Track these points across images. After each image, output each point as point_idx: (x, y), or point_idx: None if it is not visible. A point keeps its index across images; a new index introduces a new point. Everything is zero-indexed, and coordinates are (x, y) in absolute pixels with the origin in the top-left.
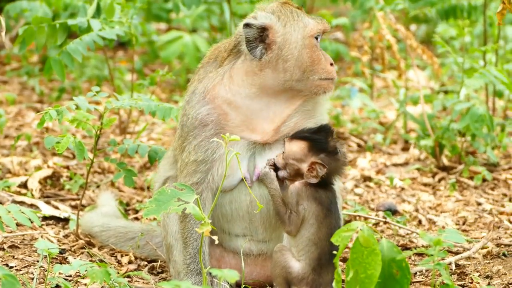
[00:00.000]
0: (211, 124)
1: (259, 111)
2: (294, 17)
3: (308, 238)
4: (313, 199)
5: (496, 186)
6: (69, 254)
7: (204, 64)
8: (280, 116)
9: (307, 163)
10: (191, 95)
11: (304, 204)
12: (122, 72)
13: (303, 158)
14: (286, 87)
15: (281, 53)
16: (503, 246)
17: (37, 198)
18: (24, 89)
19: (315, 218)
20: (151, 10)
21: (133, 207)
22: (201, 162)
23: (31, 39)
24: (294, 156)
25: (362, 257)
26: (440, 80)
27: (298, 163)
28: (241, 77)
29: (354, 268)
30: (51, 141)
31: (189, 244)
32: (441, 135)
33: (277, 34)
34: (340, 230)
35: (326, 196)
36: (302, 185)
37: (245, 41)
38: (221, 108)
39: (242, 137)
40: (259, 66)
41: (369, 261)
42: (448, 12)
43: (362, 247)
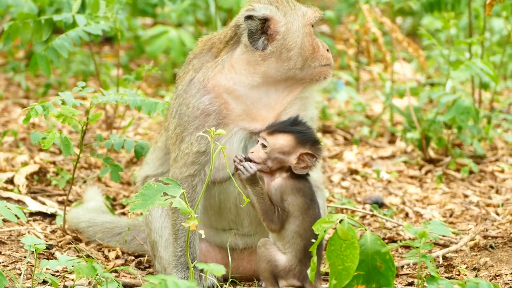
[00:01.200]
0: (213, 114)
1: (260, 99)
2: (292, 7)
3: (294, 231)
4: (297, 191)
5: (483, 178)
6: (56, 250)
7: (197, 55)
8: (281, 103)
9: (294, 155)
10: (189, 84)
11: (289, 199)
12: (108, 67)
13: (291, 150)
14: (288, 76)
15: (285, 42)
16: (490, 238)
17: (23, 194)
18: (10, 85)
19: (299, 210)
20: (137, 5)
21: (120, 202)
22: (203, 153)
23: (16, 34)
24: (281, 149)
25: (340, 249)
26: (426, 72)
27: (284, 156)
28: (243, 67)
29: (331, 260)
30: (37, 136)
31: (181, 236)
32: (427, 127)
33: (279, 24)
34: (320, 220)
35: (307, 186)
36: (284, 180)
37: (248, 33)
38: (222, 97)
39: (242, 126)
40: (262, 56)
41: (347, 253)
42: (432, 5)
43: (340, 239)
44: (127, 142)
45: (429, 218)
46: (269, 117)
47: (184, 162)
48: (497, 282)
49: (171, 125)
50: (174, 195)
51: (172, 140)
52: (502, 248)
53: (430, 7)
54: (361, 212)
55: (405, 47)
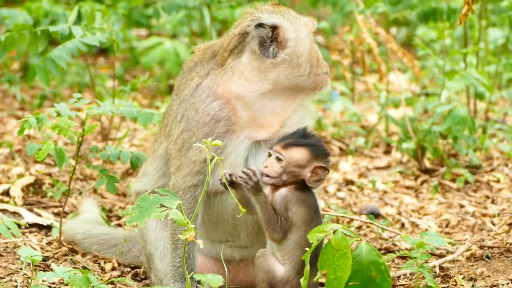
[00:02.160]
0: (222, 120)
1: (267, 106)
2: (294, 16)
3: (295, 242)
4: (302, 202)
5: (479, 188)
6: (52, 261)
7: (198, 62)
8: (286, 110)
9: (309, 168)
10: (196, 89)
11: (293, 209)
12: (103, 78)
13: (306, 164)
14: (296, 83)
15: (295, 49)
16: (486, 248)
17: (19, 205)
18: (6, 96)
19: (303, 221)
20: (132, 16)
21: (116, 214)
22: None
23: (12, 46)
24: (297, 163)
25: (333, 259)
26: (421, 82)
27: (300, 169)
28: (254, 74)
29: (323, 269)
30: (33, 148)
31: (179, 246)
32: (423, 137)
33: (288, 32)
34: (315, 229)
35: (312, 198)
36: (289, 191)
37: (259, 40)
38: (231, 103)
39: (248, 134)
40: (273, 63)
41: (340, 263)
42: (427, 15)
43: (333, 249)
44: (123, 153)
45: (425, 229)
46: (275, 123)
47: (190, 170)
48: None
49: (176, 130)
50: (171, 206)
51: (177, 146)
52: (498, 258)
53: (425, 17)
54: (359, 220)
55: (400, 58)
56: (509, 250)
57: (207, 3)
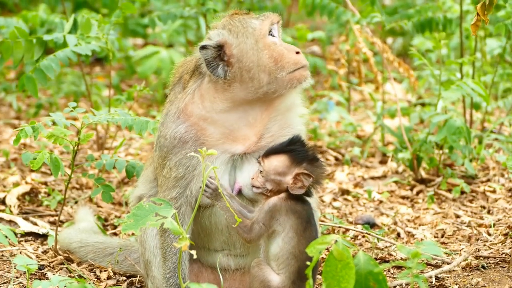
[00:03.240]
0: (190, 141)
1: (238, 119)
2: (243, 25)
3: (289, 251)
4: (292, 213)
5: (475, 198)
6: (48, 270)
7: (173, 86)
8: (260, 120)
9: (290, 175)
10: (165, 117)
11: (280, 219)
12: (99, 87)
13: (286, 171)
14: (260, 94)
15: (241, 64)
16: (482, 259)
17: (15, 214)
18: (1, 105)
19: (295, 231)
20: (128, 26)
21: (112, 223)
22: (181, 178)
23: (8, 54)
24: (276, 170)
25: (336, 270)
26: (417, 92)
27: (281, 177)
28: (212, 95)
29: (327, 281)
30: (28, 157)
31: (168, 258)
32: (418, 147)
33: (232, 47)
34: (314, 241)
35: (304, 209)
36: (280, 200)
37: (205, 63)
38: (198, 124)
39: (224, 149)
40: (227, 83)
41: (343, 274)
42: (423, 25)
43: (336, 260)
44: (118, 162)
45: (420, 238)
46: (250, 135)
47: (167, 186)
48: None
49: (155, 157)
50: (166, 215)
51: (157, 170)
52: (494, 268)
53: (421, 27)
54: (355, 230)
55: (396, 67)
56: (504, 260)
57: (203, 12)
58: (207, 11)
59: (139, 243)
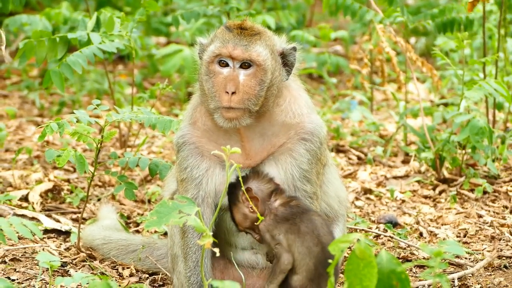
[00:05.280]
0: (192, 145)
1: (226, 137)
2: (213, 40)
3: (299, 252)
4: (280, 222)
5: (497, 198)
6: (70, 267)
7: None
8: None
9: (243, 207)
10: (182, 120)
11: (276, 232)
12: (122, 85)
13: (240, 209)
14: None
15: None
16: (504, 258)
17: (38, 211)
18: (25, 103)
19: (292, 233)
20: (151, 24)
21: (134, 220)
22: (186, 180)
23: (31, 53)
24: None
25: (358, 268)
26: (440, 92)
27: (241, 215)
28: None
29: (349, 279)
30: (51, 154)
31: (189, 258)
32: (441, 147)
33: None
34: (337, 240)
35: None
36: (264, 221)
37: None
38: (200, 131)
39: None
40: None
41: (365, 273)
42: (445, 25)
43: (358, 259)
44: (141, 160)
45: (443, 238)
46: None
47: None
48: None
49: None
50: (189, 213)
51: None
52: None
53: (443, 27)
54: (374, 232)
55: (419, 67)
56: None
57: (226, 11)
58: (231, 9)
59: (169, 237)
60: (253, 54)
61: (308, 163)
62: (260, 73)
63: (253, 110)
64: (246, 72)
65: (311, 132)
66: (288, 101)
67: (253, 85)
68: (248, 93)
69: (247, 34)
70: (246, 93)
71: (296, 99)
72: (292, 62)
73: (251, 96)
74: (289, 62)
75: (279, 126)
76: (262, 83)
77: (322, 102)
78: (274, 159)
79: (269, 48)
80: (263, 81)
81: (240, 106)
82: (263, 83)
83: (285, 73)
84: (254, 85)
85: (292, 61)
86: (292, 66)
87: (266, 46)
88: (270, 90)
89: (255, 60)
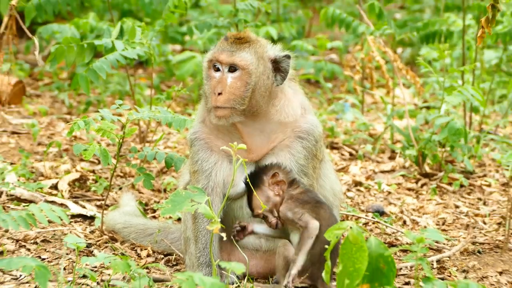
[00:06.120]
0: (202, 140)
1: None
2: (213, 48)
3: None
4: (302, 203)
5: (472, 191)
6: (94, 248)
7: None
8: (247, 137)
9: (268, 191)
10: (196, 117)
11: (298, 209)
12: (141, 88)
13: (263, 192)
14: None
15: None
16: (478, 244)
17: (66, 198)
18: (55, 102)
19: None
20: (168, 33)
21: (151, 207)
22: (198, 172)
23: (61, 57)
24: (266, 198)
25: (351, 252)
26: (423, 97)
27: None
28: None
29: (343, 262)
30: (79, 148)
31: (199, 240)
32: (423, 145)
33: None
34: (332, 227)
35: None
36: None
37: None
38: (208, 128)
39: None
40: None
41: (357, 256)
42: (429, 37)
43: (351, 243)
44: (158, 154)
45: (424, 226)
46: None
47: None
48: (484, 283)
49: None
50: (200, 201)
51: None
52: (488, 253)
53: (426, 39)
54: (366, 218)
55: (404, 74)
56: (498, 246)
57: (235, 22)
58: (239, 21)
59: (182, 222)
60: (236, 59)
61: (305, 158)
62: (245, 76)
63: (240, 108)
64: (233, 75)
65: (307, 131)
66: (282, 103)
67: (238, 87)
68: (233, 93)
69: (238, 42)
70: (231, 93)
71: (290, 101)
72: (285, 68)
73: (236, 96)
74: (282, 68)
75: (276, 124)
76: (247, 85)
77: (319, 104)
78: (274, 154)
79: (257, 54)
80: (247, 83)
81: (226, 105)
82: (247, 85)
83: (279, 78)
84: (239, 86)
85: (285, 67)
86: (286, 72)
87: (254, 53)
88: (258, 91)
89: (239, 64)
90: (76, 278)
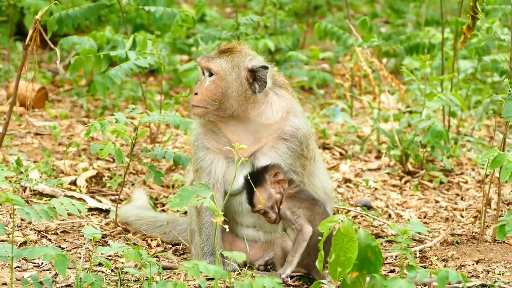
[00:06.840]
0: (200, 141)
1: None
2: None
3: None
4: (300, 201)
5: (451, 187)
6: (109, 238)
7: None
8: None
9: (270, 188)
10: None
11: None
12: (152, 93)
13: (265, 189)
14: None
15: None
16: (456, 236)
17: (84, 193)
18: (74, 106)
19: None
20: (176, 45)
21: (161, 201)
22: (199, 170)
23: (80, 66)
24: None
25: (343, 243)
26: (406, 102)
27: (267, 196)
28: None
29: (335, 252)
30: (95, 148)
31: (203, 232)
32: (406, 146)
33: None
34: (325, 220)
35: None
36: (285, 203)
37: None
38: (206, 128)
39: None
40: None
41: (348, 246)
42: (412, 49)
43: (342, 235)
44: (167, 153)
45: (407, 219)
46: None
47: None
48: (462, 271)
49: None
50: (205, 196)
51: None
52: (465, 244)
53: (410, 50)
54: (355, 211)
55: (389, 82)
56: (474, 237)
57: (237, 35)
58: (240, 34)
59: (188, 215)
60: (211, 65)
61: (291, 158)
62: (218, 81)
63: (211, 109)
64: (210, 79)
65: (289, 134)
66: (263, 107)
67: (211, 89)
68: (206, 95)
69: (222, 52)
70: (204, 95)
71: (272, 106)
72: (261, 77)
73: (208, 98)
74: (258, 77)
75: (259, 125)
76: (218, 88)
77: (312, 109)
78: (262, 154)
79: (232, 63)
80: (219, 87)
81: (199, 105)
82: (219, 89)
83: (257, 85)
84: (212, 89)
85: (261, 76)
86: (263, 80)
87: (230, 61)
88: (230, 95)
89: (213, 70)
90: (92, 265)
